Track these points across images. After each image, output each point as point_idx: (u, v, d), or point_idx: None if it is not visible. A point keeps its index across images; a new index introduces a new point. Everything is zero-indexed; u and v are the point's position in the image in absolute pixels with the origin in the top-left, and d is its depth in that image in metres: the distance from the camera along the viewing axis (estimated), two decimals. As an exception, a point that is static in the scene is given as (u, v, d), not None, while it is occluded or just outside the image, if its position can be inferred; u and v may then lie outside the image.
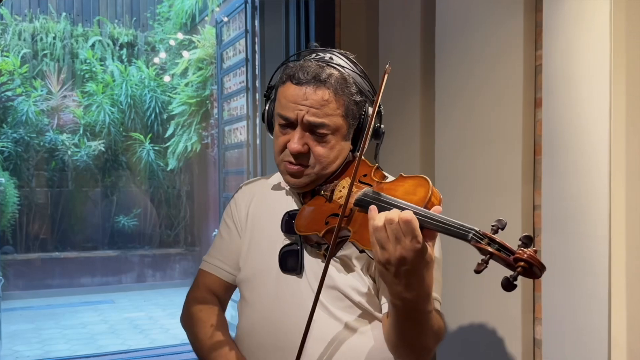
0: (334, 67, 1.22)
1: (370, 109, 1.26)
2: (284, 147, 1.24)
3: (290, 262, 1.27)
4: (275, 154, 1.28)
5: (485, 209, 1.87)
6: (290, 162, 1.24)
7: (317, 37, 2.53)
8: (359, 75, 1.26)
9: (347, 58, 1.27)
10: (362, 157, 1.33)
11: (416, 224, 0.98)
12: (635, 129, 1.46)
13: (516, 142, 1.75)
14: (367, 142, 1.28)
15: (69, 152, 8.46)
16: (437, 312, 1.20)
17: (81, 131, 8.56)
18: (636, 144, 1.46)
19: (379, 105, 1.29)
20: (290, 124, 1.23)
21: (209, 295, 1.43)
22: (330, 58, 1.25)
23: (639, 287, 1.47)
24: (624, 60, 1.45)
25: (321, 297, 1.23)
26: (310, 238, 1.20)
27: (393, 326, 1.14)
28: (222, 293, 1.44)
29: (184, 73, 8.50)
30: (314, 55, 1.26)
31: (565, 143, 1.58)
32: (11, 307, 6.92)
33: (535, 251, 0.94)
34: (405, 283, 1.02)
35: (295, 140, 1.21)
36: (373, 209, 1.04)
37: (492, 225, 0.99)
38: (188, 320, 1.41)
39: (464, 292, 1.85)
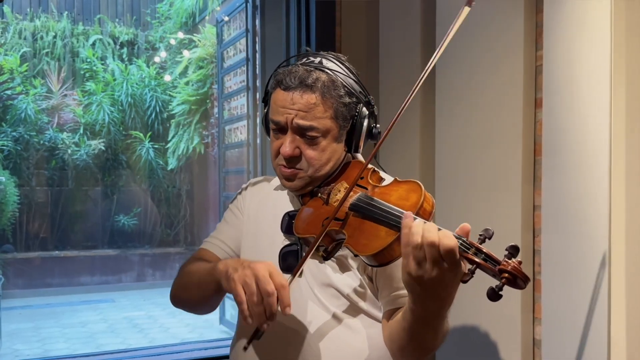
0: (322, 71, 1.23)
1: (365, 110, 1.26)
2: (278, 152, 1.25)
3: (290, 262, 1.27)
4: (272, 158, 1.30)
5: (486, 209, 1.87)
6: (284, 166, 1.26)
7: (317, 37, 2.53)
8: (350, 77, 1.26)
9: (338, 60, 1.28)
10: (360, 159, 1.33)
11: (457, 252, 0.96)
12: (636, 130, 1.46)
13: (516, 143, 1.75)
14: (363, 143, 1.28)
15: (69, 151, 8.46)
16: None
17: (81, 130, 8.56)
18: (636, 145, 1.46)
19: (372, 105, 1.29)
20: (281, 129, 1.25)
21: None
22: (320, 62, 1.25)
23: (638, 287, 1.47)
24: (624, 60, 1.45)
25: (318, 294, 1.25)
26: (308, 240, 1.21)
27: (406, 330, 1.13)
28: None
29: (184, 72, 8.50)
30: (304, 59, 1.27)
31: (565, 143, 1.59)
32: (11, 306, 6.93)
33: (520, 262, 0.94)
34: (434, 297, 1.02)
35: (287, 144, 1.23)
36: (408, 215, 1.01)
37: (479, 235, 0.98)
38: (176, 279, 1.40)
39: (463, 292, 1.84)
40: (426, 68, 1.15)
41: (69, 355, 5.05)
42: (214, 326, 6.13)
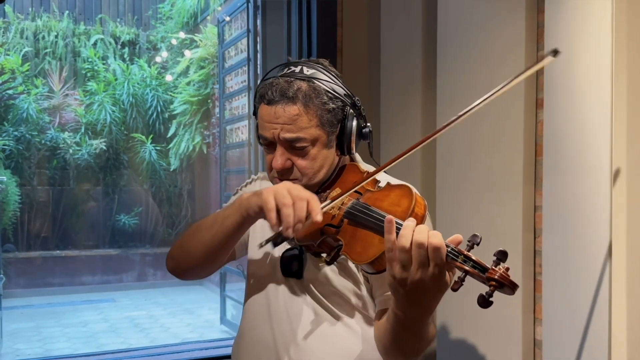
0: (303, 80, 1.23)
1: (351, 111, 1.26)
2: (272, 166, 1.26)
3: (290, 266, 1.28)
4: (267, 172, 1.31)
5: (486, 209, 1.87)
6: (279, 179, 1.26)
7: (318, 37, 2.53)
8: (332, 81, 1.26)
9: (320, 65, 1.28)
10: (355, 163, 1.34)
11: (444, 251, 0.96)
12: (637, 130, 1.46)
13: (517, 143, 1.75)
14: (355, 144, 1.28)
15: (71, 151, 8.48)
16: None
17: (83, 130, 8.57)
18: (637, 145, 1.46)
19: (359, 106, 1.29)
20: (270, 143, 1.25)
21: None
22: (300, 70, 1.25)
23: (639, 287, 1.47)
24: (625, 60, 1.45)
25: (321, 297, 1.26)
26: (309, 246, 1.22)
27: (389, 331, 1.15)
28: None
29: (185, 72, 8.51)
30: (285, 69, 1.27)
31: (566, 144, 1.59)
32: (12, 306, 6.94)
33: (507, 269, 0.94)
34: (415, 301, 1.03)
35: (277, 158, 1.24)
36: (390, 220, 1.01)
37: (467, 242, 0.98)
38: (180, 237, 1.37)
39: (463, 293, 1.85)
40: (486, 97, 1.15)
41: (70, 355, 5.06)
42: (215, 326, 6.13)
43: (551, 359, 1.65)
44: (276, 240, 1.10)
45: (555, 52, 1.09)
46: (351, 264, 1.25)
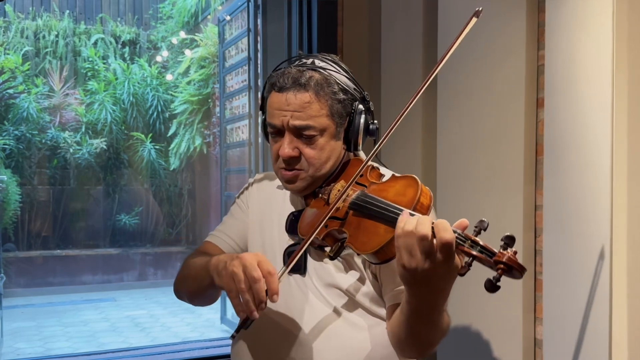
0: (315, 70, 1.24)
1: (360, 106, 1.26)
2: (278, 155, 1.26)
3: (295, 263, 1.28)
4: (272, 162, 1.31)
5: (487, 208, 1.87)
6: (285, 169, 1.26)
7: (319, 37, 2.53)
8: (343, 75, 1.27)
9: (331, 59, 1.29)
10: (361, 157, 1.34)
11: (454, 243, 0.95)
12: (637, 129, 1.46)
13: (518, 142, 1.75)
14: (362, 140, 1.29)
15: (71, 150, 8.48)
16: None
17: (83, 129, 8.57)
18: (638, 144, 1.46)
19: (368, 102, 1.29)
20: (279, 131, 1.25)
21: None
22: (312, 62, 1.26)
23: (639, 287, 1.47)
24: (626, 60, 1.45)
25: (324, 294, 1.25)
26: (313, 241, 1.21)
27: (403, 322, 1.14)
28: None
29: (186, 71, 8.51)
30: (297, 61, 1.28)
31: (567, 143, 1.59)
32: (13, 305, 6.94)
33: (515, 253, 0.94)
34: (427, 289, 1.02)
35: (285, 146, 1.23)
36: (405, 213, 1.01)
37: (475, 227, 0.98)
38: (179, 271, 1.40)
39: (465, 292, 1.85)
40: (427, 77, 1.16)
41: (70, 354, 5.06)
42: (215, 325, 6.14)
43: (551, 358, 1.65)
44: (245, 324, 1.10)
45: (477, 14, 1.10)
46: (357, 260, 1.25)
